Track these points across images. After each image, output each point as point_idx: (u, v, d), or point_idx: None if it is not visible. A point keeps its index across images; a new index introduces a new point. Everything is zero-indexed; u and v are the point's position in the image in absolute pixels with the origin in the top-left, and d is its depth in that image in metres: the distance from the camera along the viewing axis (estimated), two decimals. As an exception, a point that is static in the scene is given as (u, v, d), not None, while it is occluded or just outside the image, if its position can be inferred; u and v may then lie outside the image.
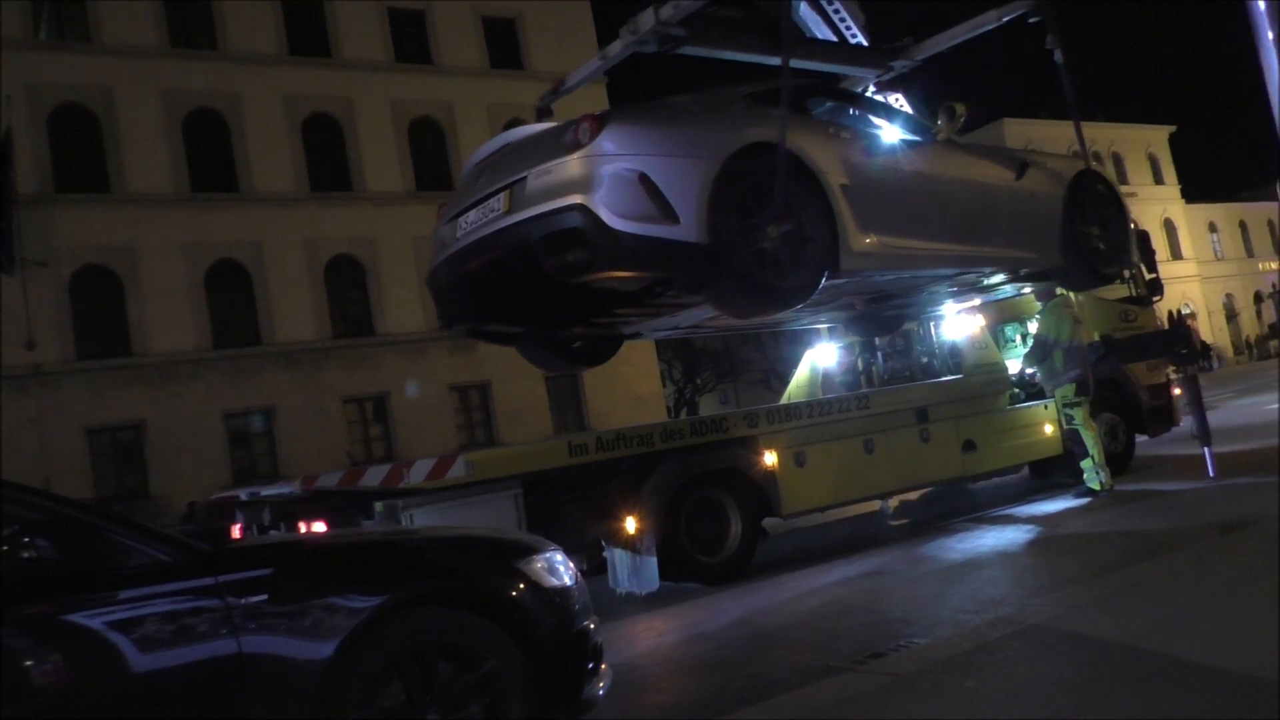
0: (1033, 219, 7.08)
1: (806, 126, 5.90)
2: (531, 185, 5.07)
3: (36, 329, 21.07)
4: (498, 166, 5.52)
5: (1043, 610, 4.80)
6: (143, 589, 2.72)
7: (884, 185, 6.05)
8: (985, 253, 6.99)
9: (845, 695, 3.93)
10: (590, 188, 4.84)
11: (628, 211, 4.82)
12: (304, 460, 22.11)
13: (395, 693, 2.95)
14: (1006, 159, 7.25)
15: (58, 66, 22.59)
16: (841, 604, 6.28)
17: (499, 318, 6.36)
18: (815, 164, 5.49)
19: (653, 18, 6.10)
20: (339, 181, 25.87)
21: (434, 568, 3.27)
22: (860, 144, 6.21)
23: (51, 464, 20.54)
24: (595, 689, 3.42)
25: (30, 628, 2.58)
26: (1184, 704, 3.25)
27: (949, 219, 6.56)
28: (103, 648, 2.64)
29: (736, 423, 8.11)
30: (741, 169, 5.14)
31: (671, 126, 5.29)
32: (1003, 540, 7.84)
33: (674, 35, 6.15)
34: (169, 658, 2.69)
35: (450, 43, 28.18)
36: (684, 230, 4.90)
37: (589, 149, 4.92)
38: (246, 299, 24.31)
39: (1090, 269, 7.45)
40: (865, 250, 5.69)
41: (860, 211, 5.65)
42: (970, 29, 7.45)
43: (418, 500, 6.56)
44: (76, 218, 22.24)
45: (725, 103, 5.78)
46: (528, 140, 5.57)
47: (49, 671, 2.58)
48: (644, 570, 7.15)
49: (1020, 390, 10.16)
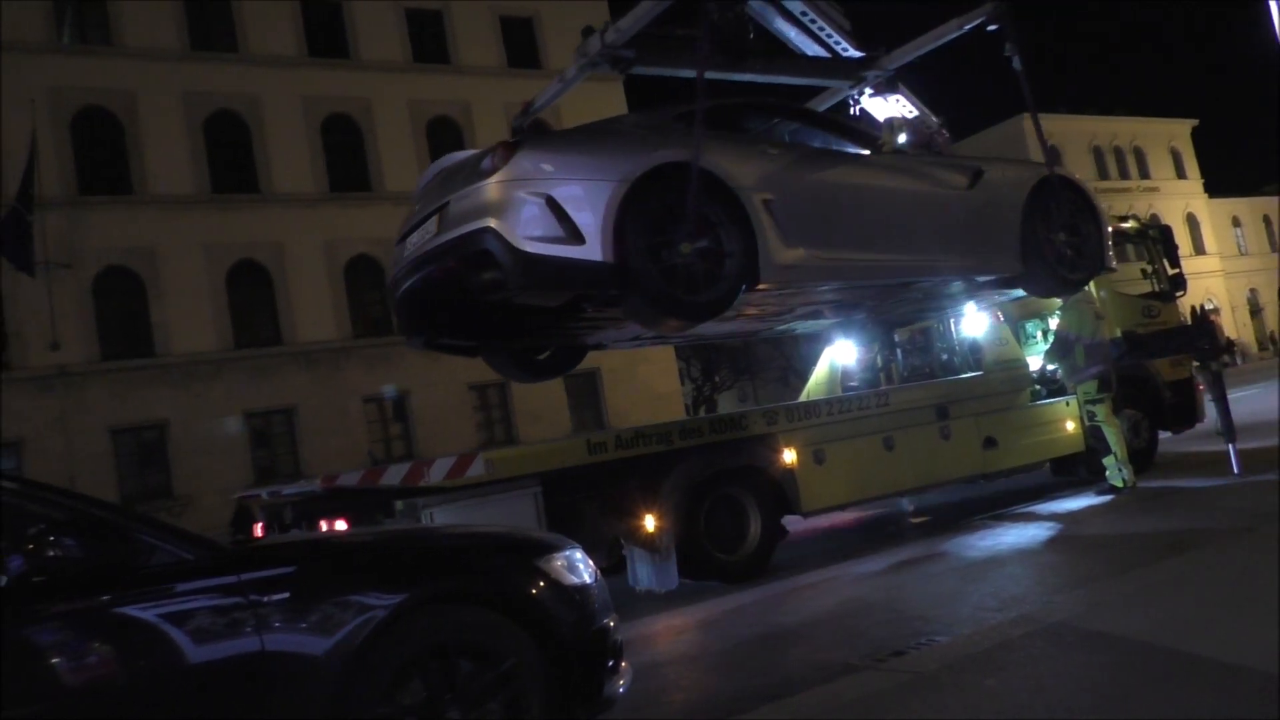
0: (988, 227, 7.02)
1: (728, 144, 5.98)
2: (453, 209, 5.36)
3: (61, 330, 21.28)
4: (434, 191, 5.79)
5: (1065, 608, 4.78)
6: (166, 587, 2.75)
7: (816, 199, 6.17)
8: (932, 262, 6.96)
9: (865, 693, 3.92)
10: (500, 211, 5.10)
11: (535, 233, 5.06)
12: (325, 459, 22.25)
13: (416, 690, 2.97)
14: (959, 168, 7.20)
15: (80, 70, 22.80)
16: (862, 602, 6.26)
17: (447, 333, 6.57)
18: (735, 181, 5.65)
19: (599, 42, 6.31)
20: (358, 182, 25.99)
21: (454, 566, 3.28)
22: (790, 159, 6.29)
23: (76, 464, 20.74)
24: (615, 686, 3.43)
25: (54, 625, 2.61)
26: (1208, 703, 3.23)
27: (890, 230, 6.60)
28: (127, 644, 2.67)
29: (755, 420, 8.10)
30: (653, 189, 5.31)
31: (581, 151, 5.49)
32: (1024, 538, 7.80)
33: (623, 57, 6.37)
34: (193, 654, 2.71)
35: (468, 42, 28.25)
36: (590, 250, 5.11)
37: (500, 175, 5.18)
38: (267, 299, 24.47)
39: (1056, 276, 7.35)
40: (790, 263, 5.82)
41: (786, 226, 5.80)
42: (934, 39, 7.51)
43: (438, 499, 6.59)
44: (100, 220, 22.45)
45: (644, 125, 5.97)
46: (456, 166, 5.81)
47: (73, 668, 2.60)
48: (663, 568, 7.16)
49: (1042, 387, 10.10)
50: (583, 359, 7.80)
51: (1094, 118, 52.33)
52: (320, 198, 25.30)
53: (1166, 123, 54.88)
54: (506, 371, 7.36)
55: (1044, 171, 7.38)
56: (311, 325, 24.62)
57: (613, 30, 6.27)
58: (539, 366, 7.53)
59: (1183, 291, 11.27)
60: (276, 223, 24.46)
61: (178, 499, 21.80)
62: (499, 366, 7.29)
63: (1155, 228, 11.86)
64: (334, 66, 26.10)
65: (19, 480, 2.94)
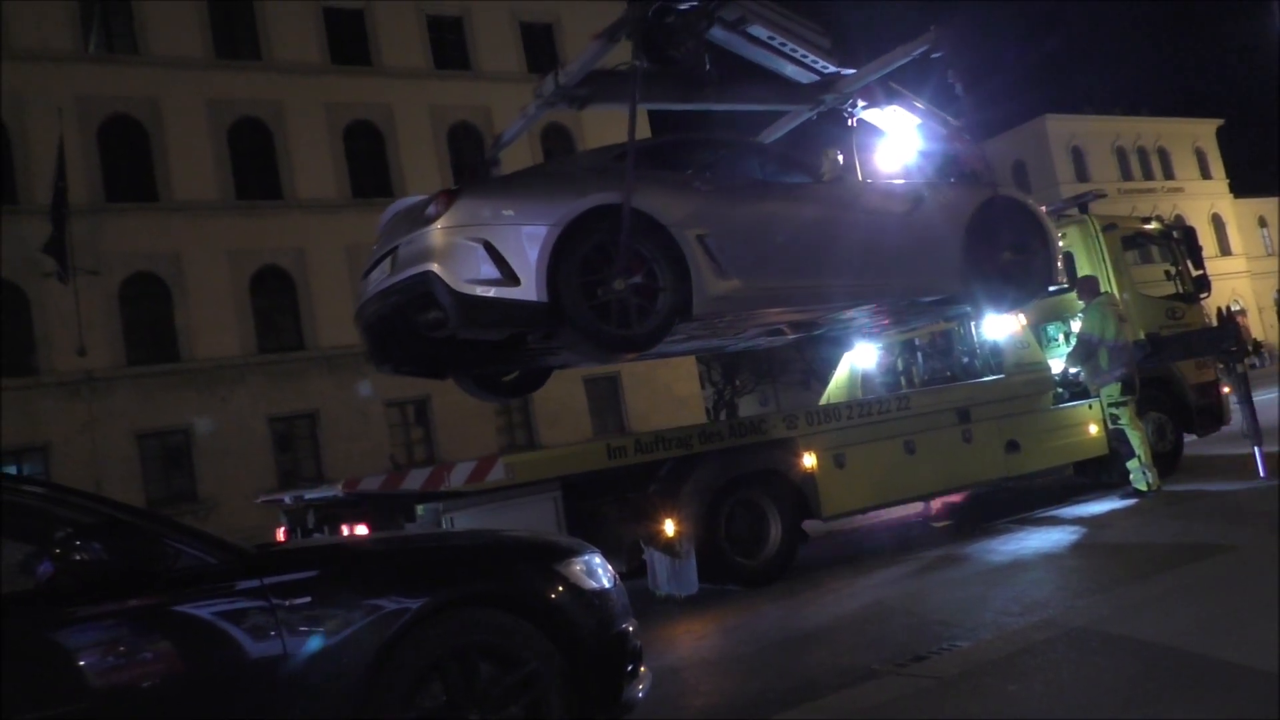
0: (928, 249, 7.18)
1: (662, 184, 6.18)
2: (402, 253, 5.70)
3: (88, 336, 21.50)
4: (389, 233, 6.11)
5: (1088, 613, 4.75)
6: (190, 590, 2.79)
7: (752, 230, 6.38)
8: (871, 286, 7.10)
9: (887, 698, 3.92)
10: (441, 256, 5.42)
11: (473, 276, 5.38)
12: (347, 463, 22.38)
13: (436, 693, 2.99)
14: (900, 194, 7.36)
15: (107, 79, 23.06)
16: (883, 606, 6.24)
17: (407, 362, 6.83)
18: (668, 219, 5.88)
19: (553, 83, 6.60)
20: (380, 187, 26.12)
21: (474, 570, 3.30)
22: (727, 193, 6.49)
23: (103, 468, 20.95)
24: (635, 691, 3.43)
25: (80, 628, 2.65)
26: (1232, 708, 3.20)
27: (827, 256, 6.77)
28: (152, 647, 2.70)
29: (776, 424, 8.09)
30: (588, 230, 5.58)
31: (517, 197, 5.76)
32: (1047, 542, 7.75)
33: (577, 95, 6.66)
34: (216, 657, 2.75)
35: (489, 48, 28.38)
36: (525, 291, 5.40)
37: (441, 221, 5.48)
38: (290, 304, 24.65)
39: (999, 294, 7.51)
40: (724, 294, 6.07)
41: (721, 258, 6.03)
42: (883, 65, 7.64)
43: (458, 503, 6.63)
44: (126, 226, 22.69)
45: (586, 166, 6.29)
46: (407, 210, 6.10)
47: (97, 671, 2.64)
48: (683, 572, 7.16)
49: (1064, 389, 10.04)
50: (546, 380, 8.01)
51: (1117, 118, 51.94)
52: (343, 203, 25.47)
53: (1191, 122, 54.38)
54: (473, 393, 7.67)
55: (989, 193, 7.52)
56: (334, 330, 24.74)
57: (564, 73, 6.60)
58: (504, 388, 7.76)
59: (1207, 293, 11.15)
60: (299, 229, 24.65)
61: (202, 503, 21.98)
62: (466, 388, 7.58)
63: (1179, 228, 11.74)
64: (356, 73, 26.29)
65: (47, 484, 2.99)
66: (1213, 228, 52.13)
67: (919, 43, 7.47)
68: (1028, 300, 8.02)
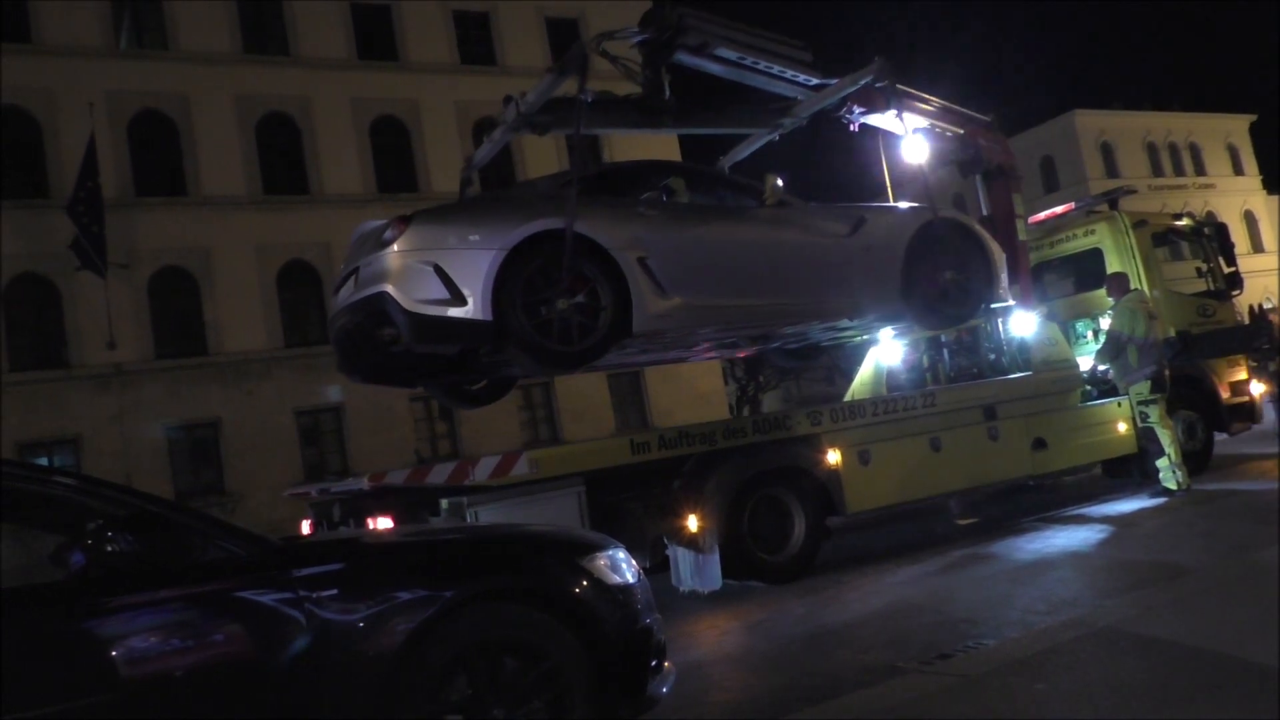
0: (868, 270, 7.27)
1: (604, 209, 6.41)
2: (362, 272, 6.05)
3: (117, 329, 21.74)
4: (356, 252, 6.38)
5: (1116, 612, 4.70)
6: (219, 582, 2.81)
7: (692, 252, 6.60)
8: (810, 305, 7.21)
9: (911, 696, 3.90)
10: (395, 278, 5.75)
11: (424, 296, 5.70)
12: (372, 457, 22.52)
13: (461, 687, 3.01)
14: (842, 216, 7.44)
15: (137, 74, 23.28)
16: (907, 604, 6.22)
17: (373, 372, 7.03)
18: (610, 241, 6.16)
19: (515, 110, 6.92)
20: (406, 183, 26.25)
21: (499, 564, 3.31)
22: (668, 217, 6.80)
23: (132, 461, 21.18)
24: (659, 686, 3.44)
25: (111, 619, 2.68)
26: (1261, 710, 3.16)
27: (766, 277, 6.94)
28: (182, 638, 2.73)
29: (800, 420, 8.07)
30: (532, 253, 5.88)
31: (467, 223, 6.03)
32: (1074, 540, 7.69)
33: (539, 122, 6.95)
34: (243, 649, 2.77)
35: (514, 43, 28.43)
36: (471, 310, 5.71)
37: (396, 245, 5.80)
38: (316, 299, 24.78)
39: (939, 312, 7.63)
40: (663, 313, 6.32)
41: (661, 279, 6.29)
42: (833, 93, 7.81)
43: (482, 497, 6.66)
44: (155, 221, 22.91)
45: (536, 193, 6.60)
46: (370, 232, 6.38)
47: (128, 661, 2.67)
48: (707, 568, 7.16)
49: (1093, 387, 9.95)
50: (512, 388, 8.22)
51: (1148, 113, 51.29)
52: (369, 199, 25.58)
53: (1224, 118, 53.60)
54: (443, 400, 7.96)
55: (929, 215, 7.58)
56: (360, 324, 24.89)
57: (524, 102, 6.89)
58: (472, 396, 7.93)
59: (1239, 290, 11.02)
60: (326, 223, 24.76)
61: (230, 495, 22.19)
62: (437, 395, 7.85)
63: (1210, 225, 11.61)
64: (383, 69, 26.40)
65: (78, 476, 3.02)
66: (1245, 224, 51.37)
67: (864, 73, 7.73)
68: (967, 318, 8.19)
